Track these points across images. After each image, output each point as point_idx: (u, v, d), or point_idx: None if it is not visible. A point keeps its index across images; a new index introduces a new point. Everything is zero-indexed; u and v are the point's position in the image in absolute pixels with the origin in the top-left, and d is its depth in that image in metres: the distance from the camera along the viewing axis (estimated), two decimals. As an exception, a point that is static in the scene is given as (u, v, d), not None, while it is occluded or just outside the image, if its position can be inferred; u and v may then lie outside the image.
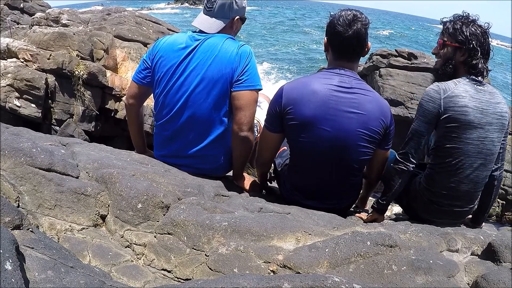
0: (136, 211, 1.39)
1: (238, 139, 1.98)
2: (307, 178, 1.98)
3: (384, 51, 10.19)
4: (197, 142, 2.03)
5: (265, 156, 2.10)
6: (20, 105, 5.83)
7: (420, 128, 1.84)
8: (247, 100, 1.95)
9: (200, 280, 1.02)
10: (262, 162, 2.16)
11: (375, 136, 1.83)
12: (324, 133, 1.79)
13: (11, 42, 6.23)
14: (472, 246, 1.48)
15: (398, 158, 1.92)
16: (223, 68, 1.93)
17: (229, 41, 1.99)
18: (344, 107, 1.77)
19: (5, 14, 11.30)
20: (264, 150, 2.08)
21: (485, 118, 1.79)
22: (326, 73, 1.86)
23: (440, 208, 1.94)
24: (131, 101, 2.17)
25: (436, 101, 1.80)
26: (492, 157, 1.85)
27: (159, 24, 8.43)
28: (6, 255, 0.75)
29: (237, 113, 1.96)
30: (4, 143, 1.39)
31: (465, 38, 1.83)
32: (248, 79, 1.95)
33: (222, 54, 1.94)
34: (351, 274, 1.15)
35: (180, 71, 1.97)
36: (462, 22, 1.86)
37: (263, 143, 2.06)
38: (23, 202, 1.28)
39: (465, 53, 1.85)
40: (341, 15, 1.79)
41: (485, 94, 1.82)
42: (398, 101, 9.18)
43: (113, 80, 6.68)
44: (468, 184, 1.86)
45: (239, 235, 1.29)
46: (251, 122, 1.99)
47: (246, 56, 1.96)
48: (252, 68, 1.98)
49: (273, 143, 2.00)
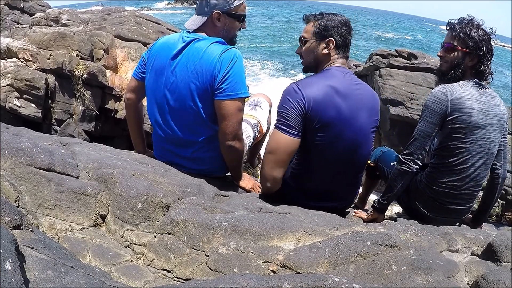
0: (136, 211, 1.39)
1: (224, 148, 1.97)
2: (319, 180, 1.95)
3: (384, 51, 10.19)
4: (188, 144, 2.03)
5: (281, 165, 1.82)
6: (20, 105, 5.83)
7: (427, 129, 1.86)
8: (228, 110, 1.86)
9: (200, 280, 1.02)
10: (275, 176, 1.83)
11: (376, 129, 1.93)
12: (346, 132, 1.83)
13: (11, 42, 6.23)
14: (472, 246, 1.48)
15: (402, 159, 1.92)
16: (204, 76, 1.85)
17: (214, 45, 1.89)
18: (359, 104, 1.84)
19: (5, 14, 11.30)
20: (281, 160, 1.81)
21: (488, 119, 1.86)
22: (337, 71, 1.87)
23: (441, 205, 1.97)
24: (129, 95, 2.21)
25: (443, 102, 1.83)
26: (492, 156, 1.92)
27: (159, 24, 8.42)
28: (6, 255, 0.74)
29: (220, 122, 1.91)
30: (4, 143, 1.39)
31: (475, 44, 1.87)
32: (228, 87, 1.84)
33: (203, 61, 1.85)
34: (351, 274, 1.15)
35: (166, 72, 1.97)
36: (471, 27, 1.88)
37: (280, 151, 1.79)
38: (23, 202, 1.28)
39: (474, 58, 1.90)
40: (342, 17, 1.91)
41: (487, 96, 1.89)
42: (398, 101, 9.18)
43: (113, 80, 6.67)
44: (469, 183, 1.91)
45: (239, 235, 1.29)
46: (236, 131, 1.92)
47: (227, 62, 1.84)
48: (235, 76, 1.85)
49: (293, 150, 1.80)
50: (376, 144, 9.14)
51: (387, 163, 2.25)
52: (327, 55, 1.89)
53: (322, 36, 1.88)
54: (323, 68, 1.91)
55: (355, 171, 1.99)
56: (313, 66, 1.95)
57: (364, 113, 1.85)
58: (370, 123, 1.89)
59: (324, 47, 1.88)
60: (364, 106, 1.85)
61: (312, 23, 1.91)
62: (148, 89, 2.07)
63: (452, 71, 1.93)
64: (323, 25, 1.87)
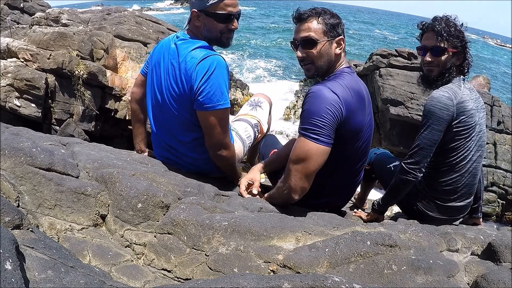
0: (136, 210, 1.39)
1: (213, 157, 1.98)
2: (336, 185, 1.91)
3: (384, 51, 10.19)
4: (179, 143, 2.03)
5: (311, 177, 1.64)
6: (20, 105, 5.82)
7: (434, 137, 1.81)
8: (208, 122, 1.83)
9: (200, 280, 1.02)
10: (305, 188, 1.66)
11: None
12: (368, 137, 1.81)
13: (11, 42, 6.23)
14: (472, 246, 1.48)
15: (407, 168, 1.84)
16: (182, 83, 1.82)
17: (195, 51, 1.81)
18: (369, 105, 1.81)
19: (5, 13, 11.28)
20: (311, 171, 1.63)
21: (479, 114, 1.91)
22: (349, 73, 1.75)
23: (442, 204, 1.98)
24: (134, 89, 2.26)
25: (450, 108, 1.80)
26: (485, 147, 1.97)
27: (159, 23, 8.42)
28: (6, 255, 0.74)
29: (204, 133, 1.89)
30: (4, 143, 1.39)
31: (461, 42, 1.87)
32: (205, 100, 1.77)
33: (182, 68, 1.81)
34: (351, 274, 1.14)
35: (157, 71, 1.99)
36: (453, 26, 1.86)
37: (311, 162, 1.61)
38: (23, 201, 1.28)
39: (461, 57, 1.90)
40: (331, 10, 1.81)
41: (472, 92, 1.92)
42: (398, 101, 9.18)
43: (113, 80, 6.67)
44: (468, 178, 1.93)
45: (239, 235, 1.29)
46: (221, 141, 1.89)
47: (202, 73, 1.75)
48: (211, 87, 1.76)
49: (324, 160, 1.63)
50: (376, 144, 9.10)
51: (383, 165, 2.25)
52: (338, 55, 1.74)
53: (333, 35, 1.70)
54: (335, 69, 1.75)
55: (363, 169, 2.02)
56: (326, 69, 1.74)
57: (371, 114, 1.83)
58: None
59: (336, 46, 1.72)
60: (370, 106, 1.83)
61: (315, 21, 1.68)
62: (147, 86, 2.10)
63: (446, 74, 1.88)
64: (331, 22, 1.69)
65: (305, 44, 1.70)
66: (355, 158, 1.83)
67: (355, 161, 1.85)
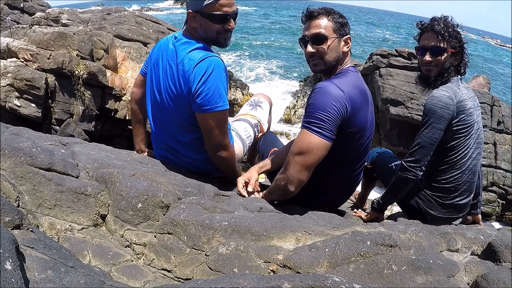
0: (136, 210, 1.39)
1: (213, 158, 1.98)
2: (336, 182, 1.93)
3: (384, 51, 10.20)
4: (178, 143, 2.03)
5: (309, 169, 1.66)
6: (20, 105, 5.82)
7: (435, 135, 1.83)
8: (207, 123, 1.83)
9: (200, 280, 1.02)
10: (302, 180, 1.67)
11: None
12: (369, 135, 1.82)
13: (11, 41, 6.23)
14: (472, 246, 1.48)
15: (407, 166, 1.87)
16: (179, 85, 1.82)
17: (194, 52, 1.80)
18: (371, 105, 1.83)
19: (5, 13, 11.28)
20: (311, 164, 1.65)
21: (477, 112, 1.95)
22: (354, 72, 1.79)
23: (443, 202, 1.98)
24: (133, 89, 2.26)
25: (450, 107, 1.82)
26: (483, 144, 2.00)
27: (159, 23, 8.42)
28: (6, 255, 0.74)
29: (203, 134, 1.89)
30: (4, 143, 1.39)
31: (459, 42, 1.90)
32: (203, 102, 1.77)
33: (180, 70, 1.81)
34: (351, 274, 1.14)
35: (156, 71, 1.99)
36: (452, 27, 1.88)
37: (311, 154, 1.63)
38: (23, 201, 1.28)
39: (459, 57, 1.92)
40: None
41: (469, 90, 1.95)
42: (398, 101, 9.19)
43: (113, 80, 6.67)
44: (468, 175, 1.95)
45: (239, 235, 1.29)
46: (220, 142, 1.89)
47: (200, 75, 1.74)
48: (209, 89, 1.75)
49: (324, 154, 1.65)
50: (376, 144, 9.09)
51: (385, 164, 2.25)
52: (345, 53, 1.79)
53: (342, 33, 1.75)
54: (341, 67, 1.79)
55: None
56: (333, 66, 1.78)
57: (373, 113, 1.86)
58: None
59: (344, 44, 1.76)
60: (372, 105, 1.85)
61: (325, 18, 1.73)
62: (147, 86, 2.10)
63: (445, 74, 1.90)
64: (339, 21, 1.74)
65: (316, 40, 1.74)
66: (356, 156, 1.85)
67: (356, 159, 1.86)
